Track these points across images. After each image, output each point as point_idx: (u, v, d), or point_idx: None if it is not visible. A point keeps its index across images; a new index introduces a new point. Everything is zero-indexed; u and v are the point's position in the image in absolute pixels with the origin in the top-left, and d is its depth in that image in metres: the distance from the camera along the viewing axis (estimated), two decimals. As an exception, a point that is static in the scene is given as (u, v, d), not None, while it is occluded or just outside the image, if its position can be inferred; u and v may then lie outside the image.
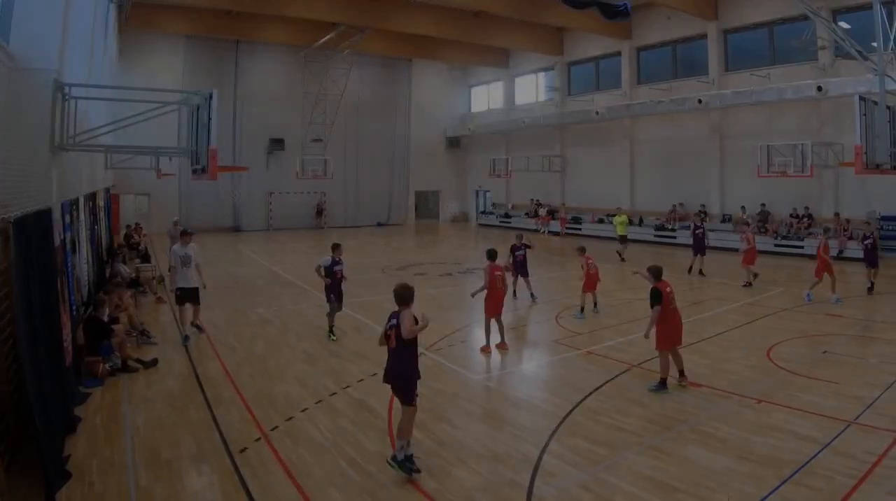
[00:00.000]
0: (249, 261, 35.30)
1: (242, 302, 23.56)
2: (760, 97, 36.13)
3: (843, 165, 31.54)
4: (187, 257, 17.44)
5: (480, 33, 48.71)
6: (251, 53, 53.27)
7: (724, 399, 12.60)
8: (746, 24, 39.86)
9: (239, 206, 53.59)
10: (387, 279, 27.59)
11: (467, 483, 9.34)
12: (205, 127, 15.84)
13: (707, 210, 41.56)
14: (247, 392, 13.42)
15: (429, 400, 12.55)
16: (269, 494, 9.04)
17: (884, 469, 9.27)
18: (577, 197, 52.81)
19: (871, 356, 15.48)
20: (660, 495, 8.85)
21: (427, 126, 63.57)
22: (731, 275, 27.01)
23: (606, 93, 49.39)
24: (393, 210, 62.22)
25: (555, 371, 15.05)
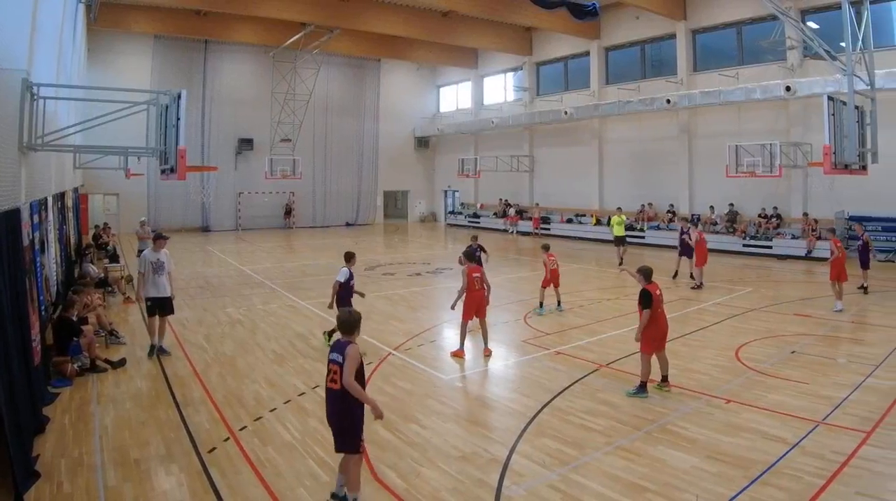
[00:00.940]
0: (219, 261, 35.16)
1: (212, 302, 23.50)
2: (729, 97, 36.30)
3: (811, 165, 31.75)
4: (159, 264, 16.09)
5: (449, 33, 48.93)
6: (220, 53, 53.31)
7: (693, 399, 12.60)
8: (715, 24, 40.03)
9: (208, 206, 53.44)
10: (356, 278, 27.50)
11: (436, 483, 9.32)
12: (173, 127, 15.79)
13: (675, 210, 41.71)
14: (216, 392, 13.38)
15: (398, 401, 12.81)
16: (238, 494, 9.00)
17: (852, 470, 9.29)
18: (546, 197, 52.99)
19: (839, 356, 15.53)
20: (629, 495, 8.84)
21: (396, 126, 63.84)
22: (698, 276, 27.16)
23: (575, 93, 49.42)
24: (361, 210, 62.44)
25: (524, 371, 15.00)
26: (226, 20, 45.66)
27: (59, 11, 20.05)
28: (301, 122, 53.81)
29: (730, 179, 34.90)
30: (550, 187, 53.18)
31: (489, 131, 57.63)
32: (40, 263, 14.95)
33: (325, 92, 57.59)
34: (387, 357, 16.02)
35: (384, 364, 15.40)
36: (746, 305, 21.74)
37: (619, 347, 16.44)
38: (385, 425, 11.24)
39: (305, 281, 27.77)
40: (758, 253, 34.92)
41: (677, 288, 25.43)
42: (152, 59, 49.64)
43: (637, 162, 45.72)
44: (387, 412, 10.53)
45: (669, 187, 43.01)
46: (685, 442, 10.54)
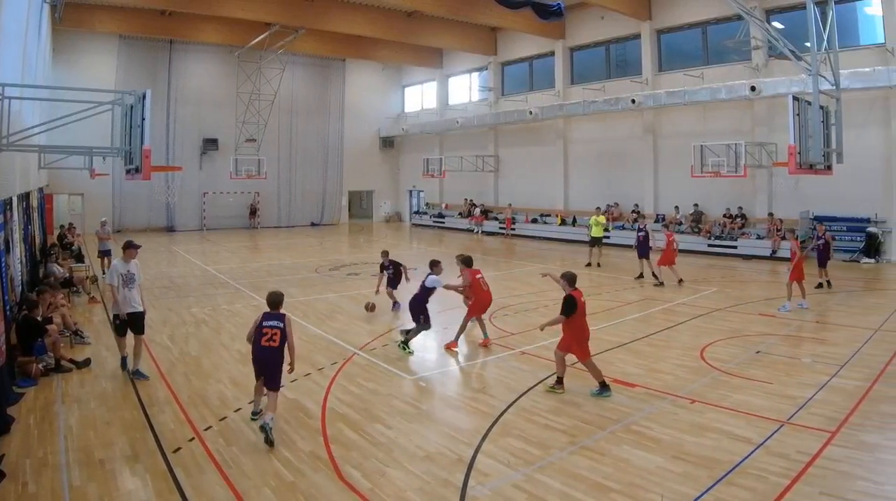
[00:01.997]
0: (183, 261, 34.95)
1: (177, 302, 23.38)
2: (694, 97, 36.45)
3: (776, 165, 31.88)
4: (130, 275, 14.56)
5: (414, 33, 48.94)
6: (185, 53, 53.08)
7: (658, 399, 12.63)
8: (680, 25, 40.17)
9: (173, 206, 53.13)
10: (321, 279, 27.60)
11: (401, 483, 9.29)
12: (138, 127, 15.70)
13: (641, 210, 41.80)
14: (181, 392, 13.33)
15: (363, 401, 12.79)
16: (203, 494, 8.95)
17: (817, 469, 9.33)
18: (511, 197, 52.80)
19: (803, 355, 15.56)
20: (594, 494, 8.85)
21: (361, 126, 63.68)
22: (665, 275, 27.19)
23: (540, 93, 49.53)
24: (327, 210, 62.28)
25: (488, 371, 15.01)
26: (190, 20, 45.43)
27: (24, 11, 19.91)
28: (266, 122, 53.72)
29: (695, 179, 35.05)
30: (515, 187, 53.22)
31: (454, 131, 57.66)
32: (5, 263, 14.81)
33: (290, 92, 57.56)
34: (352, 357, 15.96)
35: (349, 364, 15.34)
36: (711, 305, 21.80)
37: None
38: (350, 425, 11.36)
39: (270, 281, 27.66)
40: (723, 253, 35.04)
41: (641, 288, 25.51)
42: (117, 58, 49.36)
43: (602, 162, 45.80)
44: (351, 412, 10.95)
45: (634, 187, 43.12)
46: (650, 442, 10.54)
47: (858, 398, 12.30)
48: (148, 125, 15.53)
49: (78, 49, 47.05)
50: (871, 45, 31.92)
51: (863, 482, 8.94)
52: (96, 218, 38.99)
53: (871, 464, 9.56)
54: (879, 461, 9.71)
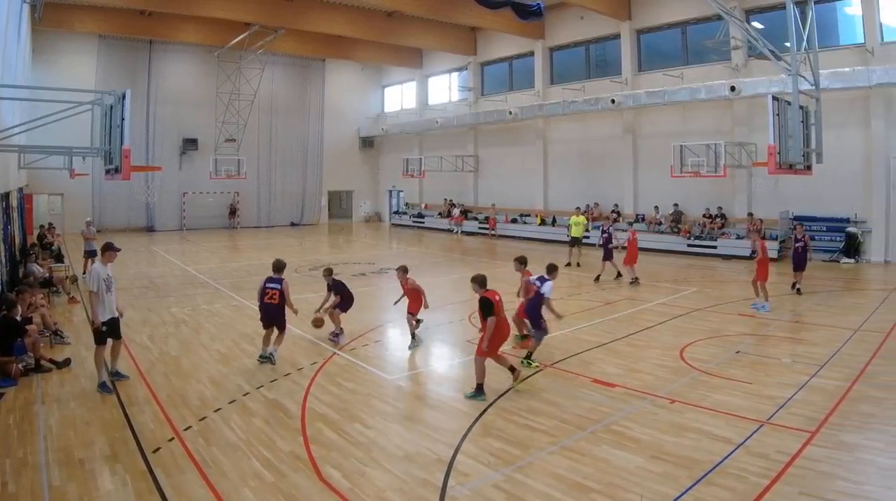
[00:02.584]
0: (163, 261, 34.85)
1: (156, 302, 23.30)
2: (674, 97, 36.52)
3: (756, 165, 31.98)
4: (110, 280, 14.01)
5: (394, 33, 49.06)
6: (165, 53, 52.91)
7: (637, 399, 12.63)
8: (660, 25, 40.27)
9: (152, 206, 52.97)
10: (300, 279, 27.51)
11: (381, 483, 9.30)
12: (118, 127, 15.66)
13: (620, 210, 41.89)
14: (160, 391, 13.28)
15: (342, 400, 12.81)
16: (183, 494, 8.93)
17: (797, 469, 9.35)
18: (491, 197, 52.90)
19: (784, 356, 15.58)
20: (573, 495, 8.86)
21: (340, 126, 63.73)
22: (644, 275, 27.21)
23: (520, 93, 49.62)
24: (306, 210, 62.14)
25: (468, 371, 14.74)
26: (170, 20, 45.27)
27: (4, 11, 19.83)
28: (246, 122, 53.53)
29: (675, 179, 35.14)
30: (495, 187, 53.24)
31: (434, 131, 57.65)
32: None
33: (270, 92, 57.56)
34: (331, 357, 15.92)
35: (329, 364, 15.30)
36: (691, 305, 21.81)
37: (563, 347, 16.45)
38: (330, 425, 11.36)
39: (250, 281, 27.47)
40: (702, 253, 35.08)
41: (621, 288, 25.50)
42: (97, 58, 49.19)
43: (582, 162, 45.85)
44: (331, 412, 11.06)
45: (614, 187, 43.19)
46: (630, 442, 10.55)
47: (838, 398, 12.33)
48: (128, 125, 15.49)
49: (58, 49, 46.87)
50: (850, 45, 32.04)
51: (842, 482, 8.95)
52: (76, 218, 38.95)
53: (851, 464, 9.57)
54: (859, 461, 9.72)
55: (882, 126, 30.92)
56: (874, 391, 12.79)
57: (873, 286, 26.63)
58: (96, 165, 32.74)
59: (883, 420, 11.28)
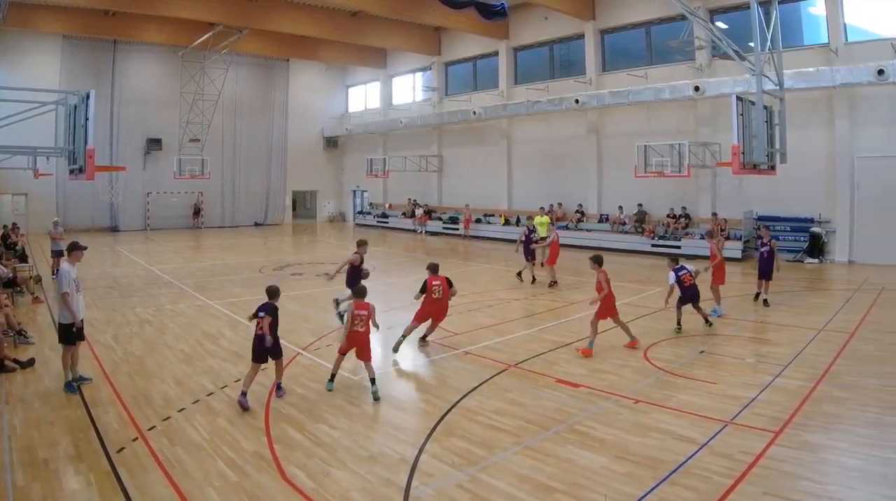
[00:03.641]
0: (127, 261, 34.72)
1: (120, 302, 23.17)
2: (638, 97, 36.62)
3: (720, 165, 32.07)
4: (79, 280, 13.89)
5: (358, 33, 49.05)
6: (129, 53, 52.75)
7: (602, 399, 12.64)
8: (624, 25, 40.40)
9: (117, 206, 52.70)
10: (264, 279, 27.42)
11: (345, 483, 9.29)
12: (82, 127, 15.64)
13: (584, 210, 42.01)
14: (124, 391, 13.21)
15: (306, 401, 12.75)
16: (147, 494, 8.90)
17: (761, 470, 9.37)
18: (455, 197, 53.12)
19: (747, 356, 15.65)
20: (537, 495, 8.87)
21: (304, 126, 63.85)
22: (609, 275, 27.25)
23: (484, 93, 49.71)
24: (270, 210, 62.17)
25: (432, 371, 15.01)
26: (134, 20, 45.10)
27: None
28: (210, 122, 53.52)
29: (639, 179, 35.30)
30: (459, 187, 53.35)
31: (398, 131, 57.73)
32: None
33: (234, 92, 57.52)
34: (295, 357, 15.89)
35: (293, 364, 15.23)
36: (655, 305, 21.68)
37: (527, 347, 16.48)
38: (294, 425, 11.34)
39: (214, 280, 27.54)
40: (666, 253, 34.96)
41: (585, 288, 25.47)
42: (61, 58, 48.98)
43: (546, 162, 45.97)
44: (295, 412, 11.21)
45: (578, 187, 43.32)
46: (594, 442, 10.57)
47: (802, 398, 12.37)
48: (92, 125, 15.46)
49: (21, 49, 46.76)
50: (814, 45, 32.27)
51: (806, 482, 9.00)
52: (40, 218, 38.73)
53: (815, 464, 9.63)
54: (823, 461, 9.78)
55: (846, 126, 31.10)
56: (838, 391, 12.84)
57: (837, 286, 26.81)
58: (60, 165, 32.45)
59: (846, 420, 11.32)
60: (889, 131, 29.93)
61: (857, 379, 13.62)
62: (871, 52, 29.26)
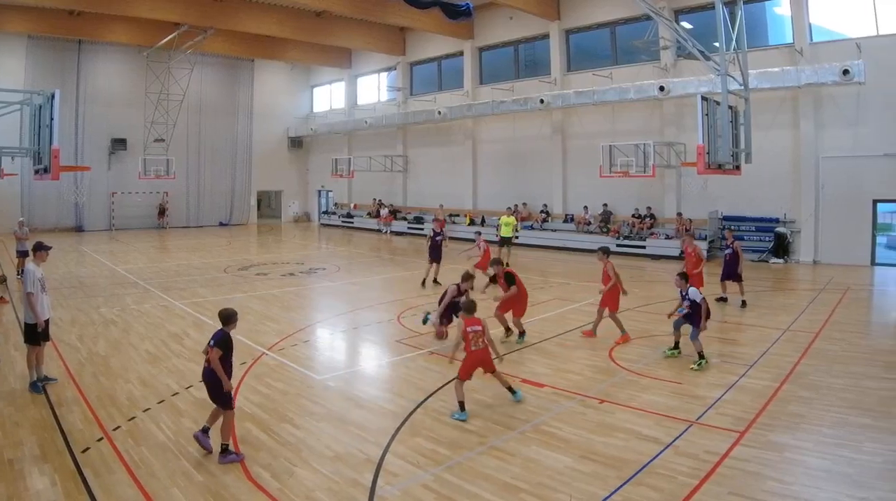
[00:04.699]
0: (92, 261, 34.55)
1: (85, 301, 23.06)
2: (603, 97, 36.81)
3: (685, 165, 32.12)
4: (44, 279, 13.78)
5: (323, 33, 49.11)
6: (94, 53, 52.54)
7: (567, 399, 12.67)
8: (589, 25, 40.53)
9: (81, 206, 52.41)
10: (229, 279, 27.39)
11: (310, 483, 9.32)
12: (47, 127, 15.60)
13: (549, 210, 42.12)
14: (89, 391, 13.15)
15: (271, 401, 12.78)
16: (112, 494, 8.88)
17: (726, 469, 9.43)
18: (420, 197, 53.45)
19: (712, 356, 15.55)
20: (502, 495, 8.91)
21: (269, 126, 63.88)
22: (572, 275, 27.33)
23: (449, 93, 49.98)
24: (235, 210, 62.18)
25: (397, 371, 15.02)
26: (100, 20, 44.91)
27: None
28: (175, 122, 53.33)
29: (604, 179, 35.27)
30: (424, 187, 53.73)
31: (363, 131, 58.16)
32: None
33: (199, 92, 57.37)
34: (260, 357, 15.86)
35: (257, 364, 15.25)
36: (620, 305, 21.88)
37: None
38: (259, 425, 11.34)
39: (179, 281, 27.46)
40: (631, 253, 35.18)
41: (551, 288, 25.55)
42: (26, 58, 48.75)
43: (511, 162, 46.15)
44: (260, 412, 11.24)
45: (543, 187, 43.45)
46: (559, 442, 10.60)
47: (767, 398, 12.44)
48: (56, 125, 15.43)
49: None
50: (779, 45, 32.50)
51: (771, 482, 9.03)
52: (4, 217, 38.51)
53: (780, 464, 9.65)
54: (788, 460, 9.80)
55: (811, 126, 31.29)
56: (803, 391, 12.91)
57: (802, 286, 26.93)
58: (25, 165, 32.23)
59: (811, 420, 11.37)
60: (854, 131, 30.12)
61: (822, 379, 13.67)
62: (836, 52, 29.52)
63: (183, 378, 14.17)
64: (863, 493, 8.66)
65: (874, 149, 29.33)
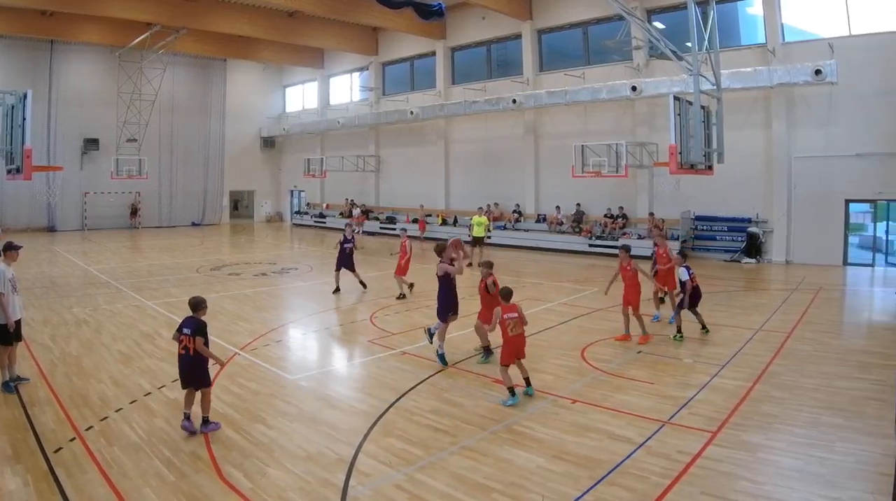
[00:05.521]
0: (65, 261, 34.49)
1: (57, 302, 22.99)
2: (575, 97, 36.92)
3: (657, 165, 32.17)
4: (15, 280, 13.66)
5: (295, 33, 49.17)
6: (66, 53, 52.48)
7: (539, 399, 12.66)
8: (561, 25, 40.68)
9: (54, 206, 52.38)
10: (202, 279, 27.33)
11: (282, 483, 9.29)
12: (19, 127, 15.53)
13: (522, 210, 42.24)
14: (62, 391, 13.11)
15: (244, 401, 12.76)
16: (84, 494, 8.83)
17: (698, 469, 9.44)
18: (392, 197, 53.69)
19: (685, 356, 15.73)
20: (475, 495, 8.90)
21: (242, 126, 63.88)
22: (545, 275, 27.34)
23: (421, 93, 50.30)
24: (208, 210, 62.11)
25: (369, 371, 14.98)
26: (72, 20, 44.72)
27: None
28: (147, 122, 53.20)
29: (576, 179, 35.34)
30: (397, 187, 53.86)
31: (335, 131, 58.47)
32: None
33: (172, 92, 57.25)
34: (233, 357, 15.83)
35: (230, 364, 15.19)
36: (593, 305, 21.84)
37: (464, 348, 16.41)
38: (231, 425, 11.31)
39: (151, 281, 27.41)
40: (604, 252, 35.15)
41: (524, 288, 25.53)
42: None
43: (483, 162, 46.30)
44: (232, 412, 11.24)
45: (516, 187, 43.70)
46: (531, 442, 10.59)
47: (739, 398, 12.47)
48: (29, 125, 15.37)
49: (-43, 50, 46.08)
50: (752, 45, 32.69)
51: (744, 481, 9.05)
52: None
53: (752, 464, 9.66)
54: (760, 460, 9.80)
55: (783, 126, 31.48)
56: (775, 391, 12.95)
57: (775, 286, 27.01)
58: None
59: (784, 420, 11.40)
60: (826, 131, 30.27)
61: (794, 379, 13.72)
62: (808, 52, 29.69)
63: (155, 378, 14.13)
64: (835, 493, 8.68)
65: (846, 150, 29.47)
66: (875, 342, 17.47)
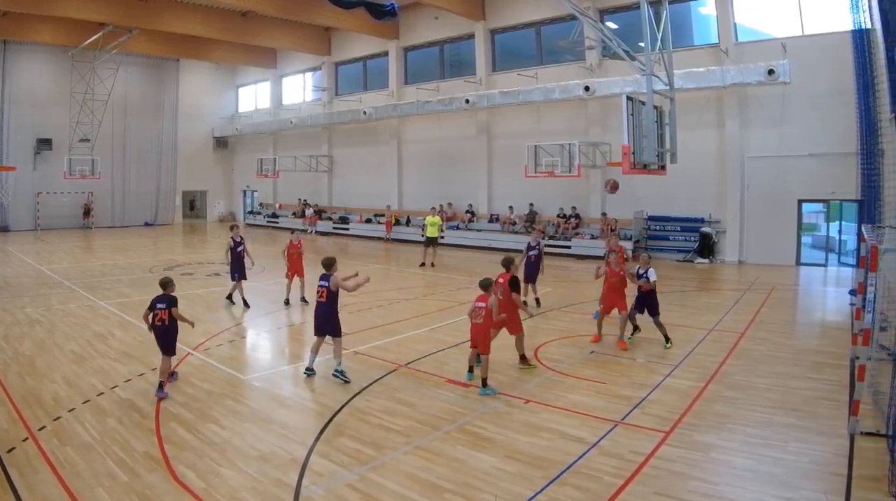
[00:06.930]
0: (17, 261, 34.35)
1: (10, 302, 22.85)
2: (528, 97, 37.09)
3: (610, 165, 32.37)
4: None
5: (248, 33, 49.14)
6: (19, 53, 52.10)
7: (492, 399, 12.69)
8: (514, 25, 40.88)
9: (7, 206, 52.09)
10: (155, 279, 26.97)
11: (235, 482, 9.27)
12: None
13: (475, 210, 42.36)
14: (14, 391, 13.03)
15: (196, 400, 12.73)
16: (37, 494, 8.79)
17: (651, 469, 9.47)
18: (345, 197, 53.72)
19: (638, 356, 15.77)
20: (427, 495, 8.93)
21: (194, 126, 63.48)
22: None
23: (374, 93, 50.31)
24: (161, 210, 61.66)
25: (322, 371, 14.72)
26: (25, 20, 44.46)
27: None
28: (100, 122, 52.95)
29: (529, 179, 35.36)
30: (350, 187, 53.85)
31: (288, 131, 58.56)
32: None
33: (125, 92, 56.76)
34: (186, 357, 15.76)
35: (183, 364, 15.13)
36: (545, 305, 21.88)
37: (416, 348, 16.49)
38: (184, 425, 11.28)
39: (104, 281, 27.31)
40: (557, 253, 35.18)
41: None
42: (-50, 59, 47.92)
43: (437, 162, 46.51)
44: (185, 411, 11.21)
45: (469, 187, 43.89)
46: (484, 442, 10.62)
47: (692, 398, 12.56)
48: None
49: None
50: (705, 45, 32.95)
51: (697, 482, 9.11)
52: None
53: (705, 464, 9.75)
54: (713, 460, 9.89)
55: (736, 126, 31.75)
56: (728, 391, 13.04)
57: (728, 286, 27.20)
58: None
59: (737, 420, 11.48)
60: (779, 131, 30.54)
61: (747, 379, 13.82)
62: (761, 52, 30.00)
63: (108, 377, 14.04)
64: (788, 493, 8.74)
65: (799, 149, 29.71)
66: (828, 342, 17.58)
